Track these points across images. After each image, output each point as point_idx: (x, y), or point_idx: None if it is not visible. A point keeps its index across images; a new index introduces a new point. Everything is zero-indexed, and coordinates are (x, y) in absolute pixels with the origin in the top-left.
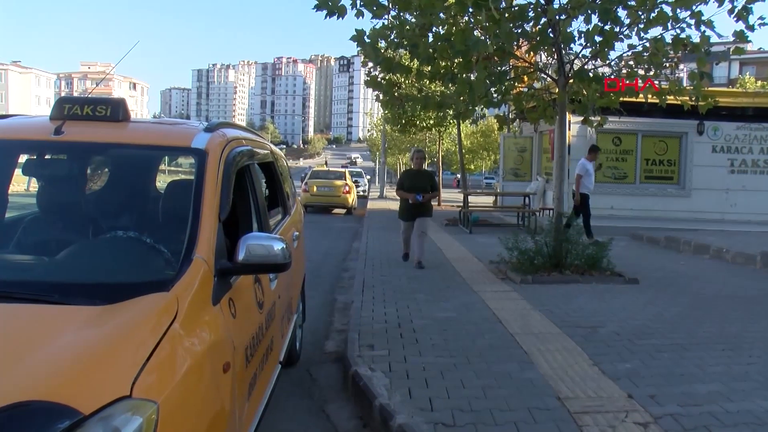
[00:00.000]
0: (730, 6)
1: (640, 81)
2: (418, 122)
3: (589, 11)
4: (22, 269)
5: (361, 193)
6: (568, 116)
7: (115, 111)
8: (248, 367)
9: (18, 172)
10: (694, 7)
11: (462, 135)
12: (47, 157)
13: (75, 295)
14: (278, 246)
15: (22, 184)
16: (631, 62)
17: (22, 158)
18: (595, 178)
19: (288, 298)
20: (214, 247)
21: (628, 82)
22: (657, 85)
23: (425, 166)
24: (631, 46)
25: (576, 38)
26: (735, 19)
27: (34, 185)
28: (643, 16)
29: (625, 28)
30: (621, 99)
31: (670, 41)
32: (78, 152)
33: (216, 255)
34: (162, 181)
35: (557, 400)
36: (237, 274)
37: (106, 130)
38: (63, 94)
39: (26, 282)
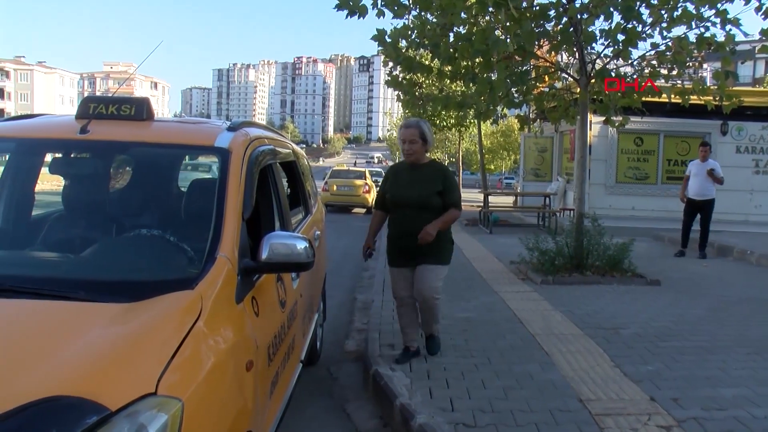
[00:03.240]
0: (757, 3)
1: (640, 81)
2: (438, 122)
3: (611, 9)
4: (49, 266)
5: None
6: (590, 116)
7: (139, 110)
8: (270, 365)
9: (44, 170)
10: (719, 5)
11: (482, 135)
12: (73, 155)
13: (101, 292)
14: (301, 245)
15: (46, 183)
16: (654, 62)
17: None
18: (616, 179)
19: (309, 297)
20: (238, 246)
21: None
22: (680, 85)
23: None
24: (654, 45)
25: (598, 37)
26: (762, 16)
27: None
28: (665, 15)
29: (647, 27)
30: (643, 99)
31: (694, 40)
32: (103, 151)
33: (239, 253)
34: (183, 180)
35: (579, 402)
36: (260, 273)
37: (131, 129)
38: (86, 94)
39: (53, 279)
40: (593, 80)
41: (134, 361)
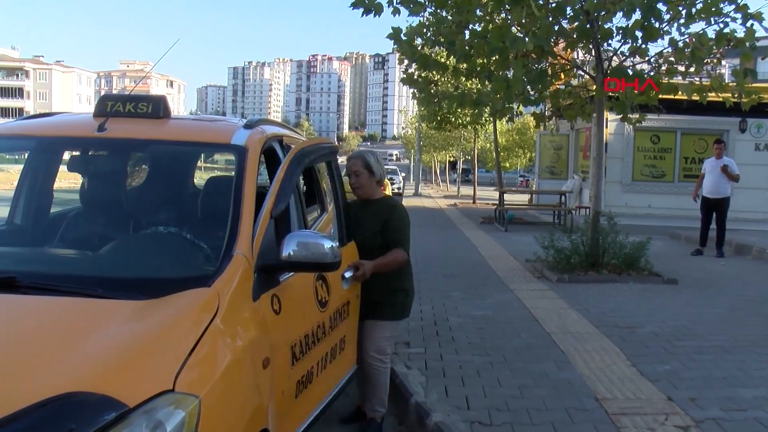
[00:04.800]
0: None
1: (657, 78)
2: (453, 119)
3: (629, 6)
4: (68, 264)
5: (396, 191)
6: (606, 114)
7: (156, 108)
8: (296, 365)
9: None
10: (739, 0)
11: (497, 132)
12: (91, 153)
13: (119, 289)
14: (327, 245)
15: (63, 181)
16: (671, 58)
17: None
18: (633, 176)
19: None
20: (260, 243)
21: (667, 79)
22: (698, 82)
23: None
24: (672, 42)
25: (615, 34)
26: None
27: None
28: (684, 11)
29: (665, 24)
30: (660, 96)
31: (713, 36)
32: (120, 148)
33: (262, 250)
34: (199, 178)
35: (595, 401)
36: (283, 271)
37: (148, 126)
38: (103, 92)
39: (72, 276)
40: (609, 78)
41: (152, 358)
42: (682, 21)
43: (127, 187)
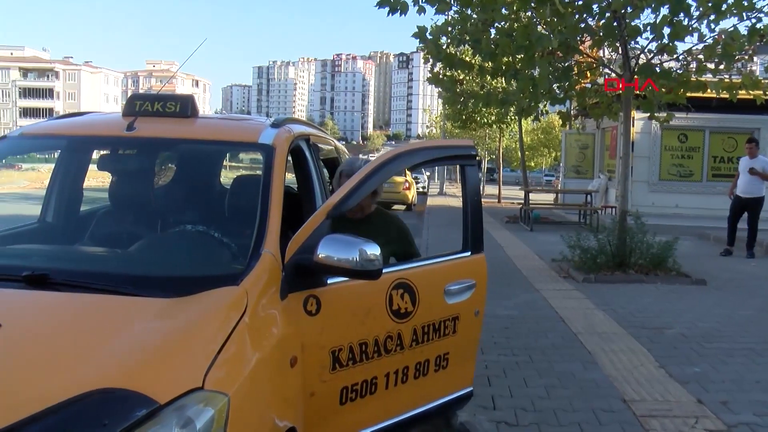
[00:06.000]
0: None
1: (686, 76)
2: (478, 118)
3: (657, 2)
4: (98, 261)
5: (421, 190)
6: (632, 112)
7: (184, 107)
8: (340, 370)
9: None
10: None
11: (522, 131)
12: (120, 152)
13: (148, 287)
14: (370, 250)
15: (91, 180)
16: (701, 56)
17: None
18: (660, 176)
19: None
20: (300, 242)
21: (696, 77)
22: (728, 79)
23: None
24: (702, 38)
25: (642, 31)
26: None
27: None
28: (713, 6)
29: (693, 20)
30: (688, 94)
31: (745, 32)
32: (149, 147)
33: (300, 249)
34: (225, 177)
35: (622, 402)
36: (318, 273)
37: (176, 126)
38: (129, 92)
39: (102, 273)
40: (636, 76)
41: (181, 356)
42: (712, 17)
43: (155, 185)
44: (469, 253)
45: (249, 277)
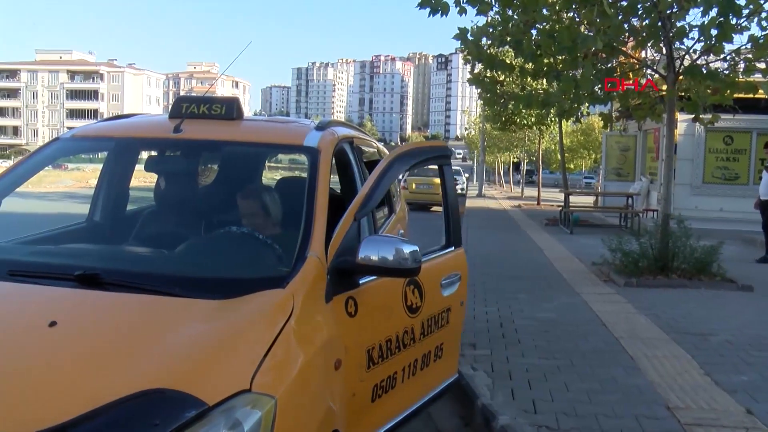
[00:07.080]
0: None
1: (733, 76)
2: (518, 120)
3: (706, 3)
4: (147, 262)
5: (459, 191)
6: (676, 114)
7: (229, 109)
8: (373, 368)
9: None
10: None
11: (563, 133)
12: (167, 153)
13: (195, 289)
14: (408, 249)
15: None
16: (750, 55)
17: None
18: (704, 179)
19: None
20: (338, 244)
21: (745, 77)
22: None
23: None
24: (752, 38)
25: (688, 32)
26: None
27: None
28: (766, 4)
29: (743, 19)
30: (735, 95)
31: None
32: (196, 149)
33: (339, 252)
34: (266, 178)
35: (666, 410)
36: (362, 274)
37: (222, 128)
38: (171, 94)
39: (150, 274)
40: (681, 77)
41: (229, 358)
42: (763, 15)
43: (200, 187)
44: (453, 248)
45: (295, 280)
